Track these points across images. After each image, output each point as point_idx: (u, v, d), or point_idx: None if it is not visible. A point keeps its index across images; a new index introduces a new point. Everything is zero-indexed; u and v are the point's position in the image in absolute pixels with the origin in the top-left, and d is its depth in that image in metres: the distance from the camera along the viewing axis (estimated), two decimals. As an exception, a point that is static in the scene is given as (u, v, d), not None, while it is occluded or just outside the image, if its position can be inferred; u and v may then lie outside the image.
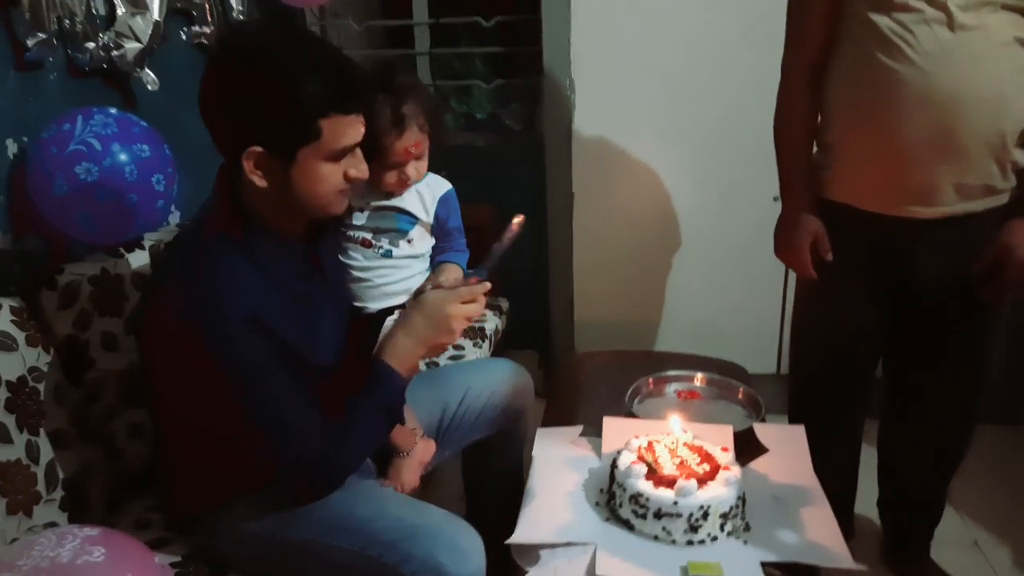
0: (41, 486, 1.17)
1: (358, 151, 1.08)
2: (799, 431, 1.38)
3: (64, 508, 1.21)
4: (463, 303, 1.13)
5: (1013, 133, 1.27)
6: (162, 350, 1.07)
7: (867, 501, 1.76)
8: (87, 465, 1.28)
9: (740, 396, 1.56)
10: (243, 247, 1.05)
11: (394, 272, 1.32)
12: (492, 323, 2.09)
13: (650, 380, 1.61)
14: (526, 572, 1.11)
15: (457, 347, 1.92)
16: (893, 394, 1.62)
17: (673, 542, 1.14)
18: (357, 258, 1.32)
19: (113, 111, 1.40)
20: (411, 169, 1.26)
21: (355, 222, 1.31)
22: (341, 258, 1.32)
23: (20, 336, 1.21)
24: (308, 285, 1.15)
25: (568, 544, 1.14)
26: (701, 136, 2.24)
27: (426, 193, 1.32)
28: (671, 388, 1.61)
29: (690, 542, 1.13)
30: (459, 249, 1.38)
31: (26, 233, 1.41)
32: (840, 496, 1.62)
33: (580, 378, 1.78)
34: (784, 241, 1.51)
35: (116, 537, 0.94)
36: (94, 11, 1.51)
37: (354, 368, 1.15)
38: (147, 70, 1.65)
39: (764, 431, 1.38)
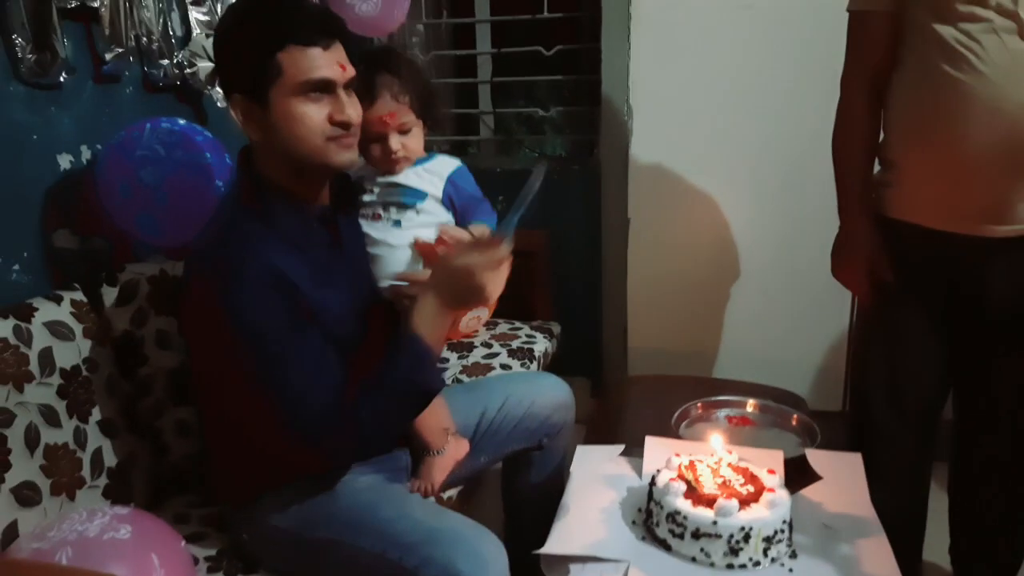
0: (86, 471, 1.21)
1: (342, 93, 1.08)
2: (856, 459, 1.29)
3: (107, 495, 1.24)
4: (487, 266, 1.05)
5: None
6: (192, 324, 1.11)
7: (939, 550, 1.64)
8: (133, 456, 1.31)
9: (794, 423, 1.48)
10: (261, 214, 1.08)
11: (405, 238, 1.30)
12: (541, 345, 2.07)
13: (699, 404, 1.55)
14: (554, 585, 1.07)
15: (504, 366, 1.90)
16: (963, 432, 1.51)
17: (712, 565, 1.07)
18: (370, 232, 1.30)
19: (181, 121, 1.47)
20: (394, 142, 1.23)
21: (366, 199, 1.31)
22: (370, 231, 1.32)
23: (78, 328, 1.26)
24: (328, 255, 1.16)
25: (599, 560, 1.09)
26: (761, 163, 2.19)
27: (433, 172, 1.30)
28: (721, 413, 1.54)
29: (730, 566, 1.07)
30: (485, 215, 1.35)
31: (93, 235, 1.49)
32: (906, 543, 1.50)
33: (627, 400, 1.73)
34: (841, 261, 1.45)
35: (144, 517, 0.95)
36: (171, 31, 1.60)
37: (374, 349, 1.14)
38: (218, 88, 1.73)
39: (818, 458, 1.30)
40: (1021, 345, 1.35)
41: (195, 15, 1.63)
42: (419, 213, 1.28)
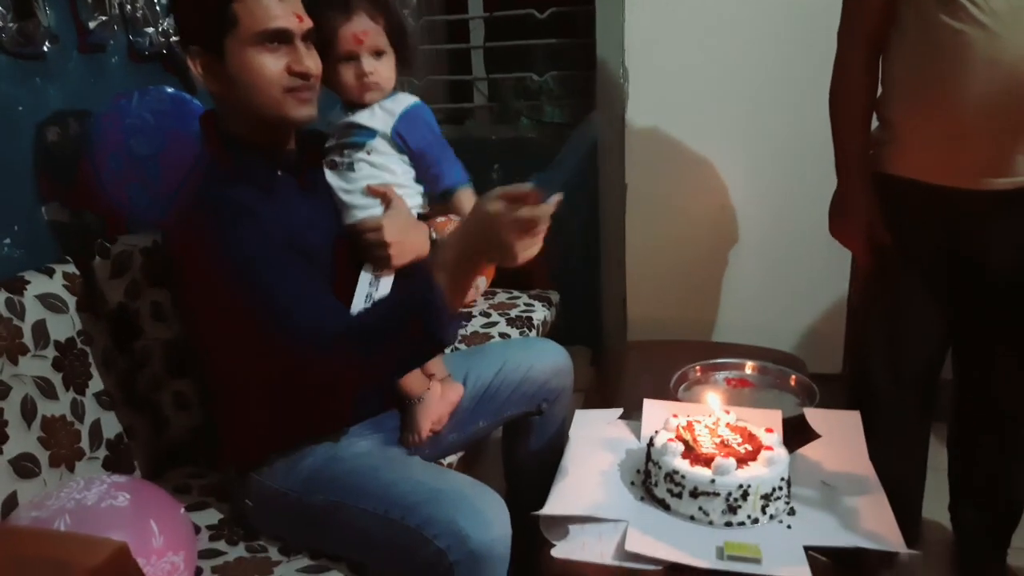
0: (84, 443, 1.21)
1: (300, 44, 1.08)
2: (854, 417, 1.29)
3: (107, 467, 1.24)
4: (518, 224, 0.91)
5: None
6: (183, 281, 1.12)
7: (939, 508, 1.65)
8: (131, 429, 1.31)
9: (793, 384, 1.48)
10: (230, 170, 1.09)
11: (359, 181, 1.24)
12: (540, 313, 2.06)
13: (697, 367, 1.55)
14: (553, 546, 1.07)
15: (503, 335, 1.90)
16: (962, 391, 1.51)
17: (711, 523, 1.08)
18: (330, 180, 1.25)
19: (170, 90, 1.45)
20: (367, 63, 1.18)
21: (327, 145, 1.26)
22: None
23: (71, 300, 1.26)
24: (297, 201, 1.16)
25: (599, 520, 1.10)
26: (759, 126, 2.16)
27: (386, 109, 1.23)
28: (720, 376, 1.55)
29: (728, 523, 1.07)
30: (446, 163, 1.24)
31: (84, 208, 1.47)
32: (905, 501, 1.51)
33: (625, 366, 1.73)
34: (840, 220, 1.44)
35: (143, 485, 0.96)
36: (155, -2, 1.57)
37: (340, 290, 1.13)
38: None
39: (816, 417, 1.30)
40: (1019, 307, 1.34)
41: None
42: (369, 153, 1.22)
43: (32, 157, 1.38)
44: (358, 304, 1.18)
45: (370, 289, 1.20)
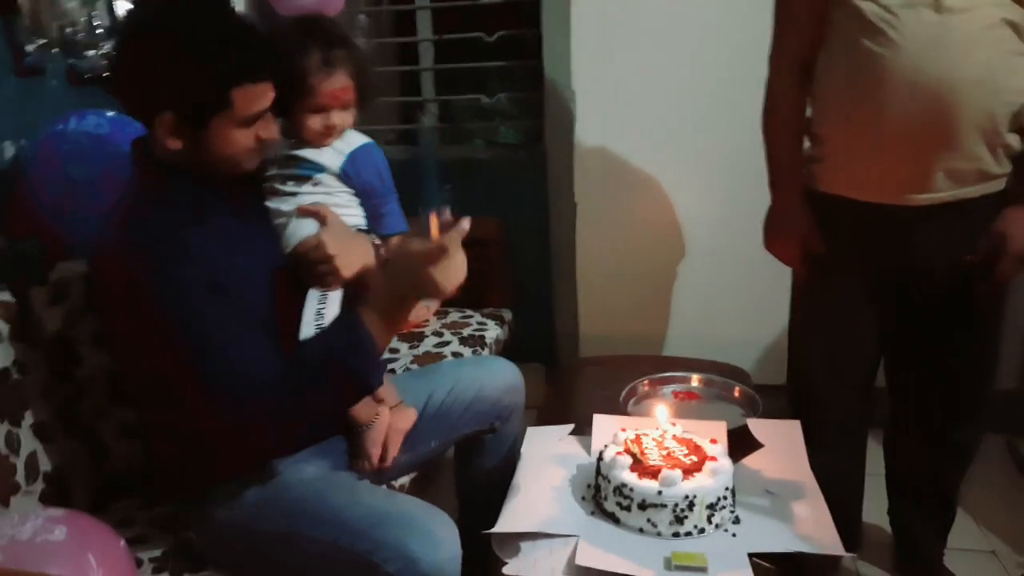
0: (20, 477, 1.17)
1: (269, 114, 1.10)
2: (795, 426, 1.33)
3: (45, 501, 1.20)
4: (429, 255, 0.99)
5: (1004, 116, 1.24)
6: (111, 314, 1.09)
7: (879, 511, 1.70)
8: (71, 461, 1.28)
9: (737, 395, 1.51)
10: (164, 197, 1.08)
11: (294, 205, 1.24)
12: (493, 332, 2.07)
13: (646, 381, 1.57)
14: (505, 564, 1.07)
15: (455, 354, 1.90)
16: (895, 399, 1.57)
17: (659, 534, 1.10)
18: (270, 205, 1.25)
19: (109, 113, 1.43)
20: (336, 117, 1.21)
21: (269, 173, 1.26)
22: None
23: (5, 328, 1.22)
24: (234, 226, 1.14)
25: (550, 536, 1.11)
26: (703, 144, 2.23)
27: (336, 147, 1.25)
28: (667, 389, 1.57)
29: (676, 534, 1.09)
30: (389, 211, 1.28)
31: (23, 236, 1.44)
32: (846, 506, 1.56)
33: (577, 382, 1.75)
34: (774, 235, 1.49)
35: (80, 518, 0.93)
36: (95, 21, 1.55)
37: (283, 316, 1.14)
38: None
39: (759, 427, 1.34)
40: (946, 319, 1.40)
41: (121, 4, 1.58)
42: (315, 185, 1.23)
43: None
44: (307, 322, 1.17)
45: (319, 306, 1.19)
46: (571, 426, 1.40)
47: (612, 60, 2.22)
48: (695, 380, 1.57)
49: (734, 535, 1.10)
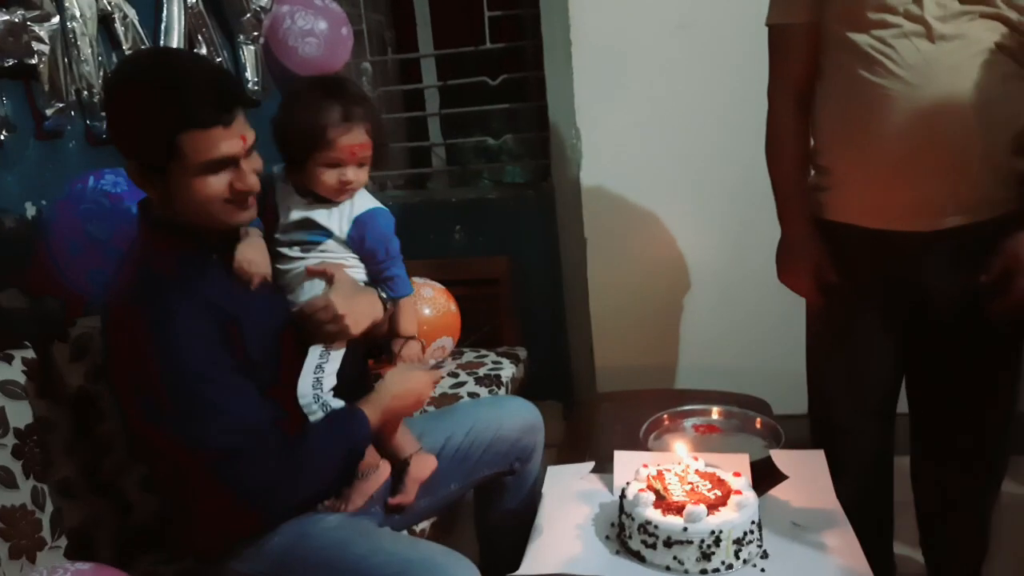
0: (46, 532, 1.18)
1: (244, 163, 1.08)
2: (819, 456, 1.32)
3: (69, 556, 1.20)
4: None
5: (1004, 141, 1.25)
6: (112, 364, 1.11)
7: (912, 542, 1.66)
8: (95, 516, 1.28)
9: (758, 426, 1.51)
10: (167, 257, 1.10)
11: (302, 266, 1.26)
12: (508, 370, 2.07)
13: (666, 416, 1.57)
14: (531, 607, 1.06)
15: (472, 394, 1.90)
16: (917, 424, 1.55)
17: (686, 572, 1.08)
18: (278, 269, 1.26)
19: (125, 171, 1.46)
20: (351, 172, 1.23)
21: (278, 236, 1.27)
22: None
23: (30, 386, 1.24)
24: (233, 283, 1.15)
25: (575, 578, 1.09)
26: (706, 175, 2.25)
27: (345, 208, 1.27)
28: (688, 423, 1.57)
29: (704, 571, 1.08)
30: (395, 275, 1.30)
31: (44, 294, 1.46)
32: (875, 536, 1.53)
33: (596, 418, 1.74)
34: (786, 267, 1.50)
35: (106, 571, 0.93)
36: (112, 83, 1.59)
37: (286, 372, 1.17)
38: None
39: (782, 458, 1.32)
40: (967, 339, 1.39)
41: (136, 66, 1.63)
42: (323, 252, 1.26)
43: (-11, 244, 1.38)
44: (307, 374, 1.19)
45: (320, 361, 1.21)
46: (591, 464, 1.40)
47: (614, 98, 2.26)
48: (715, 412, 1.57)
49: (763, 570, 1.09)
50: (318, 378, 1.20)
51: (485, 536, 1.48)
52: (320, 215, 1.26)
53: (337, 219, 1.26)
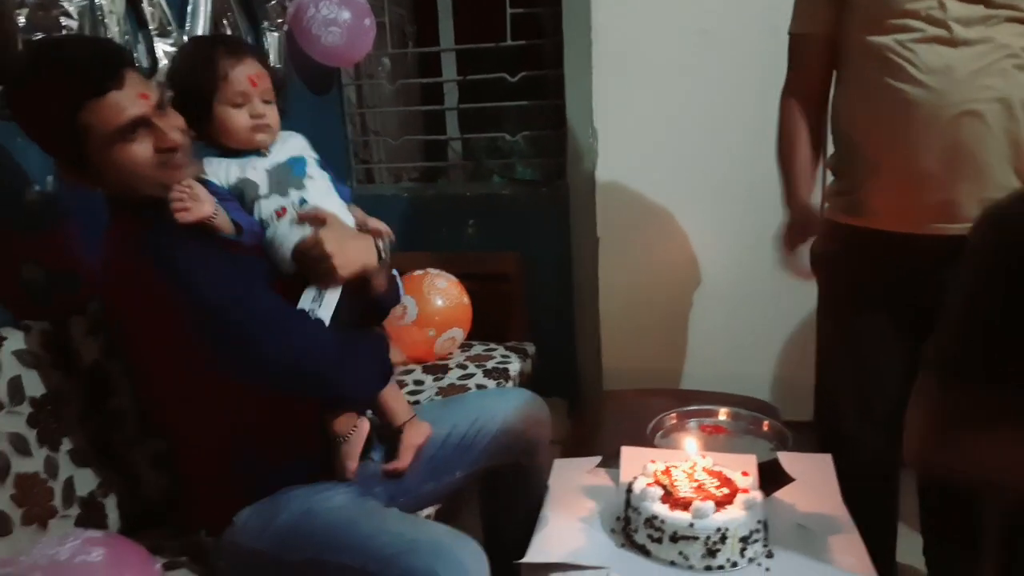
0: (58, 501, 1.19)
1: (161, 122, 1.06)
2: (826, 460, 1.32)
3: (80, 525, 1.21)
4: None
5: None
6: (126, 331, 1.13)
7: (914, 551, 1.66)
8: (106, 487, 1.29)
9: (766, 429, 1.51)
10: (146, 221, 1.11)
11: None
12: (516, 365, 2.08)
13: (673, 414, 1.57)
14: (535, 595, 1.07)
15: (479, 386, 1.91)
16: None
17: (691, 567, 1.09)
18: (284, 231, 1.20)
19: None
20: (259, 105, 1.19)
21: (260, 194, 1.22)
22: (269, 236, 1.22)
23: (46, 357, 1.25)
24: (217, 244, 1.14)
25: (580, 567, 1.10)
26: (722, 177, 2.25)
27: (287, 140, 1.26)
28: (695, 423, 1.57)
29: (708, 567, 1.08)
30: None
31: (62, 266, 1.48)
32: (879, 544, 1.52)
33: (602, 415, 1.75)
34: (784, 245, 1.52)
35: (117, 540, 0.94)
36: (137, 62, 1.60)
37: None
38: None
39: (790, 460, 1.33)
40: None
41: (161, 47, 1.64)
42: (313, 180, 1.24)
43: (11, 217, 1.39)
44: None
45: (312, 305, 1.18)
46: (598, 458, 1.40)
47: (633, 98, 2.27)
48: (723, 414, 1.57)
49: (768, 569, 1.09)
50: None
51: (490, 529, 1.49)
52: (283, 151, 1.24)
53: (294, 145, 1.26)
